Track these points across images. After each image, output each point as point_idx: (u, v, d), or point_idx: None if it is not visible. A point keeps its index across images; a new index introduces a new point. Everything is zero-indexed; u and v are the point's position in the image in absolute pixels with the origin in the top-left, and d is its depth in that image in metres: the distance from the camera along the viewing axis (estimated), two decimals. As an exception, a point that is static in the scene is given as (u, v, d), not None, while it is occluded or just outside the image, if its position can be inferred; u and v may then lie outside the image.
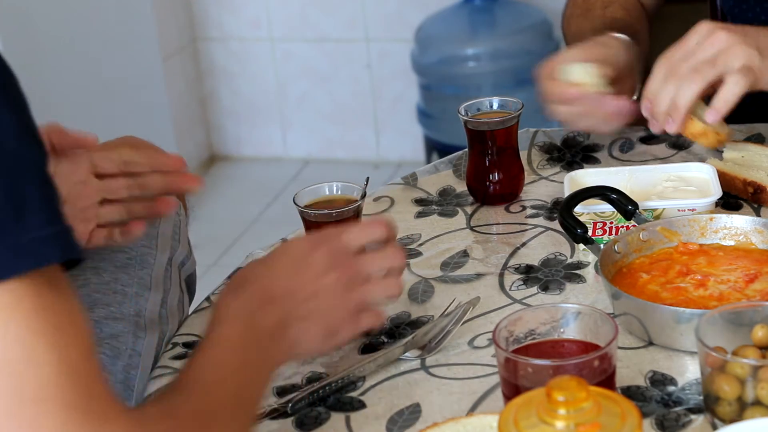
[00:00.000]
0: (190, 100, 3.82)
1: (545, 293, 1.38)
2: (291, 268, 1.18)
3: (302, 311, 1.16)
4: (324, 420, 1.21)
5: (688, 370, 1.22)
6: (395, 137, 3.76)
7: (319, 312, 1.17)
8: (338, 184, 1.42)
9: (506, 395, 1.14)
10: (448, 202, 1.61)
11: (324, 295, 1.17)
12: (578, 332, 1.17)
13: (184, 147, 3.69)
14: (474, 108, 1.60)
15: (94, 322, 1.34)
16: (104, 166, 1.37)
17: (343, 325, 1.18)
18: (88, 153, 1.36)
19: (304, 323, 1.16)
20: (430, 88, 3.40)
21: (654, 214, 1.43)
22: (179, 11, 3.73)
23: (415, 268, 1.46)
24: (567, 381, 0.98)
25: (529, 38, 3.34)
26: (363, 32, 3.69)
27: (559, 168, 1.66)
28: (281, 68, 3.80)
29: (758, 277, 1.29)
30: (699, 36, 1.50)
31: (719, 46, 1.48)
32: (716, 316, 1.15)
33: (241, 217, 3.57)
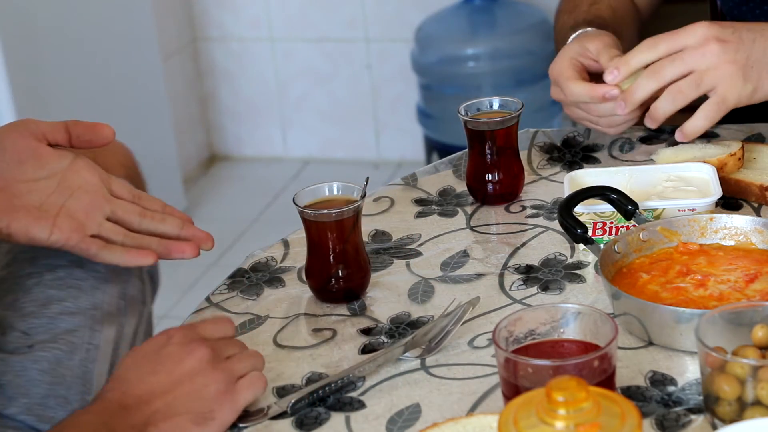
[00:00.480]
0: (190, 100, 3.82)
1: (545, 293, 1.38)
2: (145, 369, 1.17)
3: (165, 407, 1.15)
4: (324, 420, 1.21)
5: (688, 370, 1.22)
6: (395, 137, 3.77)
7: (184, 400, 1.16)
8: (338, 185, 1.42)
9: (506, 395, 1.14)
10: (448, 202, 1.61)
11: (186, 380, 1.16)
12: (578, 332, 1.17)
13: (184, 147, 3.70)
14: (474, 108, 1.60)
15: (49, 318, 1.33)
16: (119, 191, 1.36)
17: (216, 402, 1.16)
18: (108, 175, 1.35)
19: (172, 418, 1.15)
20: (430, 88, 3.40)
21: (654, 214, 1.43)
22: (179, 11, 3.74)
23: (415, 268, 1.46)
24: (567, 381, 0.98)
25: (529, 38, 3.34)
26: (363, 32, 3.69)
27: (559, 168, 1.67)
28: (281, 68, 3.80)
29: (758, 277, 1.29)
30: (693, 39, 1.49)
31: (708, 61, 1.48)
32: (716, 316, 1.15)
33: (241, 217, 3.57)
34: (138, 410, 1.14)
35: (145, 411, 1.14)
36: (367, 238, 1.52)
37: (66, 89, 3.02)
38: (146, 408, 1.14)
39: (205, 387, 1.16)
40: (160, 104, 3.45)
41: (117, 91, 3.24)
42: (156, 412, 1.14)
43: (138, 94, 3.34)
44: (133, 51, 3.31)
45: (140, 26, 3.33)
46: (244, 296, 1.43)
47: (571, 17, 1.75)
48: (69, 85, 3.03)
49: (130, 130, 3.23)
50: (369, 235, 1.54)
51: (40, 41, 2.91)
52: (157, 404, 1.15)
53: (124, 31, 3.26)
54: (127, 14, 3.27)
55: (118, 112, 3.23)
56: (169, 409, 1.15)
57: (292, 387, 1.26)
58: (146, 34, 3.36)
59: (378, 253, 1.50)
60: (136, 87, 3.33)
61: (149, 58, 3.39)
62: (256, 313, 1.40)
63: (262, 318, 1.39)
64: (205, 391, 1.16)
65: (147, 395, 1.15)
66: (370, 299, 1.41)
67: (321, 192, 1.41)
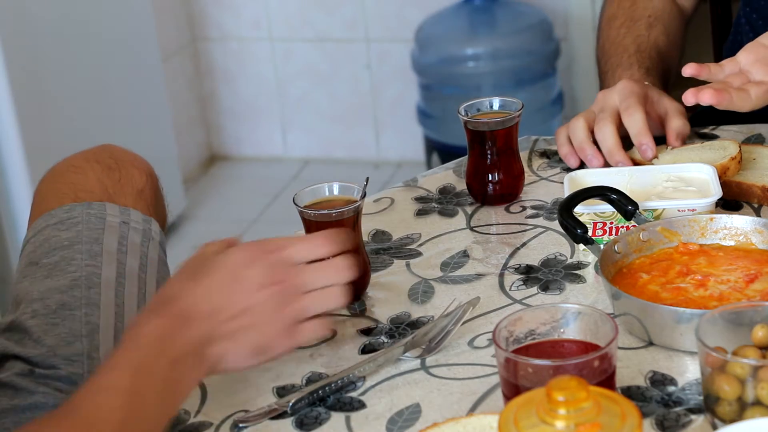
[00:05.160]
0: (189, 100, 3.82)
1: (545, 293, 1.38)
2: (220, 285, 1.16)
3: (226, 330, 1.14)
4: (324, 420, 1.21)
5: (688, 370, 1.22)
6: (395, 137, 3.76)
7: (247, 329, 1.15)
8: (338, 185, 1.42)
9: (506, 395, 1.14)
10: (448, 202, 1.61)
11: (255, 311, 1.15)
12: (578, 332, 1.17)
13: (184, 147, 3.70)
14: (474, 108, 1.60)
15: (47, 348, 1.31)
16: None
17: (276, 341, 1.16)
18: None
19: (227, 342, 1.14)
20: (430, 88, 3.40)
21: (654, 215, 1.43)
22: (179, 11, 3.73)
23: (415, 269, 1.46)
24: (567, 381, 0.98)
25: (529, 38, 3.34)
26: (363, 32, 3.69)
27: (558, 169, 1.67)
28: (281, 68, 3.80)
29: (758, 277, 1.29)
30: None
31: None
32: (716, 316, 1.15)
33: (241, 217, 3.57)
34: (200, 325, 1.14)
35: (206, 328, 1.14)
36: (367, 238, 1.52)
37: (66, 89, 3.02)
38: (208, 327, 1.14)
39: (269, 324, 1.16)
40: (160, 104, 3.45)
41: (117, 91, 3.24)
42: (217, 334, 1.14)
43: (138, 94, 3.34)
44: (133, 51, 3.31)
45: (140, 26, 3.33)
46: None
47: (630, 36, 1.80)
48: (69, 85, 3.03)
49: (130, 130, 3.24)
50: (369, 235, 1.54)
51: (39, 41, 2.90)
52: (220, 326, 1.14)
53: (124, 31, 3.26)
54: (127, 14, 3.27)
55: (118, 112, 3.23)
56: (231, 334, 1.15)
57: (292, 387, 1.26)
58: (146, 34, 3.36)
59: (378, 253, 1.50)
60: (136, 87, 3.33)
61: (149, 59, 3.39)
62: (256, 313, 1.40)
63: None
64: (268, 328, 1.16)
65: (214, 313, 1.14)
66: (370, 299, 1.41)
67: (321, 192, 1.41)
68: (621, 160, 1.57)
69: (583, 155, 1.61)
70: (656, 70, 1.75)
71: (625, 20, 1.82)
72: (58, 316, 1.33)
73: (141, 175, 1.54)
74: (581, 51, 3.46)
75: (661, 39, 1.80)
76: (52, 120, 2.94)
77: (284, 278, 1.16)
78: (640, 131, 1.58)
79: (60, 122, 2.97)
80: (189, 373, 1.13)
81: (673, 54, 1.82)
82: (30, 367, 1.29)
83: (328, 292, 1.18)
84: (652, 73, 1.73)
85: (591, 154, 1.60)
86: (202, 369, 1.14)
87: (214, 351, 1.14)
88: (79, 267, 1.38)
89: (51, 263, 1.39)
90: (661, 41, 1.80)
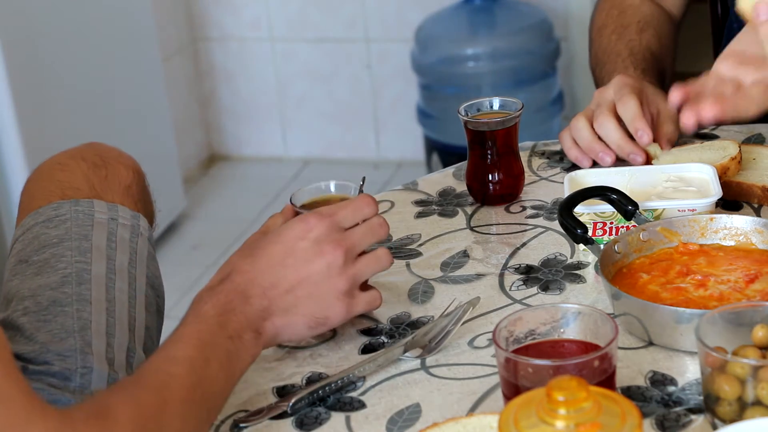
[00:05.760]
0: (189, 100, 3.82)
1: (545, 293, 1.38)
2: (276, 259, 1.20)
3: (283, 304, 1.19)
4: (324, 420, 1.21)
5: (688, 370, 1.22)
6: (395, 137, 3.77)
7: (304, 301, 1.20)
8: (335, 183, 1.42)
9: (506, 395, 1.14)
10: (448, 202, 1.61)
11: (310, 282, 1.20)
12: (578, 332, 1.17)
13: (184, 147, 3.70)
14: (474, 108, 1.60)
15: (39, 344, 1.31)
16: None
17: (333, 310, 1.21)
18: None
19: (287, 315, 1.20)
20: (430, 88, 3.40)
21: (654, 215, 1.43)
22: (179, 12, 3.74)
23: (415, 269, 1.46)
24: (567, 381, 0.98)
25: (529, 38, 3.34)
26: (363, 32, 3.69)
27: (559, 169, 1.67)
28: (281, 68, 3.80)
29: (758, 277, 1.29)
30: None
31: None
32: (716, 316, 1.15)
33: (240, 217, 3.57)
34: (258, 301, 1.19)
35: (263, 303, 1.19)
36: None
37: (66, 89, 3.02)
38: (266, 301, 1.19)
39: (326, 293, 1.20)
40: (160, 104, 3.45)
41: (117, 91, 3.24)
42: (274, 308, 1.19)
43: (138, 94, 3.34)
44: (133, 51, 3.31)
45: (140, 26, 3.33)
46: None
47: (622, 42, 1.79)
48: (69, 85, 3.03)
49: (130, 130, 3.24)
50: (369, 235, 1.54)
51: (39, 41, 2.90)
52: (277, 299, 1.19)
53: (124, 31, 3.26)
54: (127, 14, 3.27)
55: (118, 112, 3.23)
56: (288, 306, 1.19)
57: (292, 387, 1.26)
58: (146, 34, 3.36)
59: (378, 253, 1.50)
60: (136, 87, 3.33)
61: (149, 59, 3.39)
62: (256, 313, 1.40)
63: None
64: (325, 297, 1.21)
65: (271, 288, 1.19)
66: (370, 299, 1.41)
67: (318, 191, 1.41)
68: (632, 151, 1.57)
69: (593, 155, 1.60)
70: (652, 71, 1.75)
71: (616, 27, 1.83)
72: (50, 313, 1.34)
73: (127, 172, 1.54)
74: (581, 51, 3.46)
75: (653, 42, 1.80)
76: (51, 120, 2.94)
77: (337, 244, 1.21)
78: (634, 117, 1.58)
79: (60, 122, 2.97)
80: (247, 348, 1.18)
81: (666, 57, 1.83)
82: (23, 364, 1.29)
83: (378, 253, 1.25)
84: (648, 73, 1.73)
85: (601, 151, 1.59)
86: (260, 343, 1.19)
87: (271, 325, 1.19)
88: (69, 264, 1.39)
89: (41, 261, 1.40)
90: (653, 44, 1.80)
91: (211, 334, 1.16)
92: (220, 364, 1.15)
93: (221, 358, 1.15)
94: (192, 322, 1.17)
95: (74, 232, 1.43)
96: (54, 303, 1.35)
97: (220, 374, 1.15)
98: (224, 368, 1.16)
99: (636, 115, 1.57)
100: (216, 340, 1.15)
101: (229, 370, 1.16)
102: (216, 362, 1.15)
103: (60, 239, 1.42)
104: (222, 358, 1.15)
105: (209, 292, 1.19)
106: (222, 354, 1.15)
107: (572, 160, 1.64)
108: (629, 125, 1.58)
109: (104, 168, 1.52)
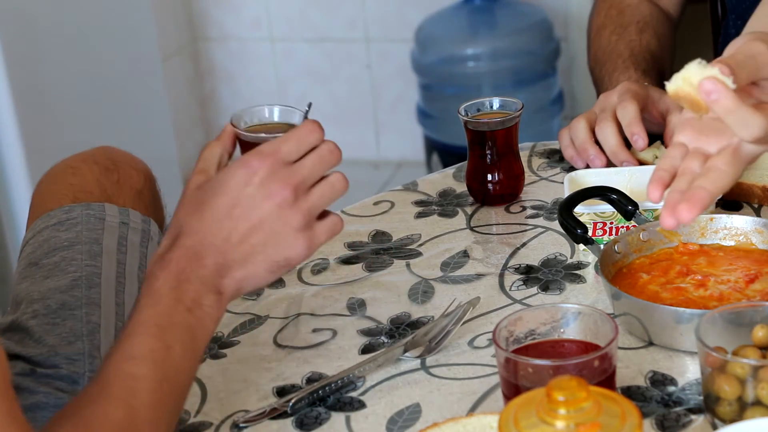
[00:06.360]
0: (190, 100, 3.82)
1: (545, 293, 1.38)
2: (223, 212, 1.13)
3: (238, 255, 1.13)
4: (324, 420, 1.21)
5: (688, 370, 1.22)
6: (395, 137, 3.76)
7: (260, 248, 1.13)
8: (278, 109, 1.32)
9: (506, 395, 1.14)
10: (448, 203, 1.61)
11: (264, 226, 1.13)
12: (578, 332, 1.17)
13: (184, 147, 3.69)
14: (474, 108, 1.60)
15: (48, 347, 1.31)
16: None
17: (293, 249, 1.14)
18: None
19: (245, 266, 1.13)
20: (430, 88, 3.40)
21: (654, 215, 1.43)
22: (179, 11, 3.73)
23: (415, 269, 1.46)
24: (567, 381, 0.98)
25: (529, 38, 3.34)
26: (363, 32, 3.69)
27: (558, 169, 1.67)
28: (281, 68, 3.80)
29: (758, 277, 1.29)
30: None
31: None
32: (716, 316, 1.15)
33: (241, 217, 3.56)
34: (211, 260, 1.12)
35: (218, 260, 1.12)
36: (367, 238, 1.52)
37: (66, 89, 3.01)
38: (220, 257, 1.12)
39: (282, 234, 1.14)
40: (160, 104, 3.45)
41: (117, 91, 3.24)
42: (230, 261, 1.13)
43: (138, 94, 3.34)
44: (133, 51, 3.31)
45: (140, 26, 3.33)
46: (244, 296, 1.43)
47: (622, 42, 1.80)
48: (69, 85, 3.02)
49: (130, 130, 3.24)
50: (369, 236, 1.54)
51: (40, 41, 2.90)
52: (231, 253, 1.13)
53: (124, 31, 3.26)
54: (127, 14, 3.27)
55: (119, 112, 3.23)
56: (244, 257, 1.13)
57: (292, 387, 1.26)
58: (146, 34, 3.36)
59: (378, 253, 1.50)
60: (136, 87, 3.33)
61: (149, 59, 3.39)
62: (256, 313, 1.40)
63: (262, 318, 1.39)
64: (282, 238, 1.14)
65: (223, 243, 1.13)
66: (370, 299, 1.41)
67: (260, 115, 1.31)
68: (625, 159, 1.57)
69: (585, 156, 1.61)
70: (652, 72, 1.75)
71: (615, 28, 1.83)
72: (59, 316, 1.34)
73: (139, 176, 1.54)
74: (581, 51, 3.45)
75: (653, 42, 1.81)
76: (52, 120, 2.94)
77: (284, 183, 1.14)
78: (631, 122, 1.58)
79: (60, 122, 2.97)
80: (209, 314, 1.12)
81: (665, 58, 1.83)
82: (31, 367, 1.29)
83: (332, 179, 1.17)
84: (648, 74, 1.74)
85: (593, 154, 1.60)
86: (223, 302, 1.13)
87: (231, 280, 1.13)
88: (79, 267, 1.39)
89: (51, 264, 1.40)
90: (653, 45, 1.81)
91: (169, 314, 1.10)
92: (183, 344, 1.10)
93: (183, 338, 1.10)
94: (146, 305, 1.11)
95: (85, 236, 1.43)
96: (63, 306, 1.35)
97: (185, 356, 1.10)
98: (188, 347, 1.11)
99: (633, 120, 1.58)
100: (175, 320, 1.10)
101: (193, 346, 1.11)
102: (179, 345, 1.10)
103: (71, 242, 1.42)
104: (184, 338, 1.10)
105: (160, 264, 1.13)
106: (183, 333, 1.10)
107: (567, 159, 1.64)
108: (626, 129, 1.58)
109: (116, 172, 1.52)
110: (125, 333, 1.10)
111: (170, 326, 1.10)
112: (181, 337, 1.10)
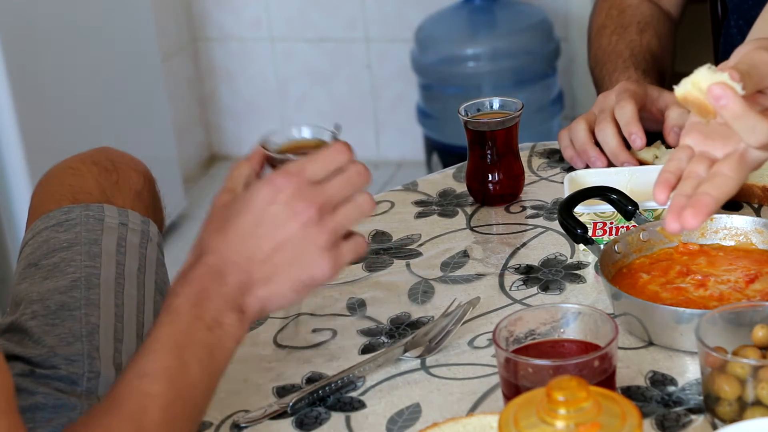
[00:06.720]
0: (190, 100, 3.82)
1: (545, 293, 1.38)
2: (247, 230, 1.12)
3: (262, 274, 1.11)
4: (324, 420, 1.21)
5: (688, 370, 1.22)
6: (395, 137, 3.76)
7: (284, 267, 1.12)
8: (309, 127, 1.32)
9: (506, 395, 1.14)
10: (448, 203, 1.61)
11: (288, 245, 1.11)
12: (578, 332, 1.17)
13: (184, 147, 3.70)
14: (474, 108, 1.60)
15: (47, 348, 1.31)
16: None
17: (317, 269, 1.12)
18: None
19: (269, 285, 1.12)
20: (430, 88, 3.40)
21: (654, 215, 1.43)
22: (179, 11, 3.73)
23: (415, 269, 1.46)
24: (567, 381, 0.98)
25: (529, 38, 3.34)
26: (363, 32, 3.69)
27: (558, 169, 1.67)
28: (281, 68, 3.80)
29: (758, 277, 1.29)
30: None
31: None
32: (716, 316, 1.15)
33: (240, 217, 3.56)
34: (234, 278, 1.11)
35: (241, 278, 1.11)
36: (367, 238, 1.52)
37: (66, 89, 3.01)
38: (243, 275, 1.11)
39: (307, 253, 1.12)
40: (160, 104, 3.45)
41: (117, 91, 3.24)
42: (253, 280, 1.11)
43: (138, 94, 3.34)
44: (133, 51, 3.31)
45: (140, 26, 3.33)
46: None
47: (623, 42, 1.80)
48: (69, 85, 3.02)
49: (130, 130, 3.24)
50: (369, 235, 1.54)
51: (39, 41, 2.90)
52: (254, 271, 1.11)
53: (124, 31, 3.26)
54: (127, 14, 3.27)
55: (119, 112, 3.23)
56: (268, 275, 1.11)
57: (292, 387, 1.26)
58: (146, 34, 3.36)
59: (378, 253, 1.50)
60: (136, 87, 3.33)
61: (149, 58, 3.39)
62: (256, 313, 1.40)
63: (262, 318, 1.39)
64: (306, 257, 1.12)
65: (246, 261, 1.11)
66: (370, 299, 1.41)
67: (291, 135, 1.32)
68: (626, 160, 1.58)
69: (585, 157, 1.61)
70: (652, 72, 1.76)
71: (616, 28, 1.84)
72: (58, 317, 1.34)
73: (138, 177, 1.54)
74: (581, 51, 3.46)
75: (654, 42, 1.81)
76: (52, 120, 2.94)
77: (309, 202, 1.12)
78: (629, 121, 1.58)
79: (60, 122, 2.97)
80: (230, 333, 1.11)
81: (665, 58, 1.83)
82: (30, 368, 1.29)
83: (359, 200, 1.16)
84: (649, 74, 1.74)
85: (594, 156, 1.60)
86: (245, 321, 1.12)
87: (254, 299, 1.11)
88: (79, 268, 1.39)
89: (50, 264, 1.40)
90: (654, 45, 1.81)
91: (188, 332, 1.09)
92: (201, 363, 1.09)
93: (201, 357, 1.09)
94: (165, 322, 1.10)
95: (84, 237, 1.42)
96: (62, 307, 1.35)
97: (202, 375, 1.09)
98: (206, 367, 1.09)
99: (630, 119, 1.58)
100: (194, 338, 1.09)
101: (211, 366, 1.10)
102: (196, 363, 1.08)
103: (70, 243, 1.41)
104: (202, 357, 1.09)
105: (182, 282, 1.12)
106: (202, 351, 1.09)
107: (567, 160, 1.64)
108: (623, 129, 1.59)
109: (115, 173, 1.52)
110: (142, 349, 1.10)
111: (188, 344, 1.09)
112: (199, 355, 1.09)
